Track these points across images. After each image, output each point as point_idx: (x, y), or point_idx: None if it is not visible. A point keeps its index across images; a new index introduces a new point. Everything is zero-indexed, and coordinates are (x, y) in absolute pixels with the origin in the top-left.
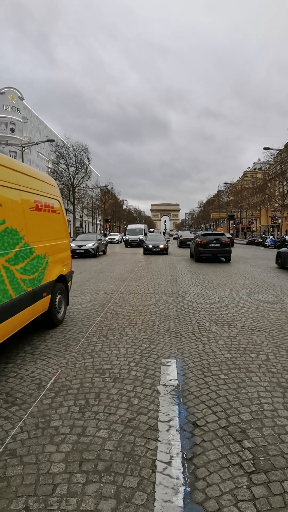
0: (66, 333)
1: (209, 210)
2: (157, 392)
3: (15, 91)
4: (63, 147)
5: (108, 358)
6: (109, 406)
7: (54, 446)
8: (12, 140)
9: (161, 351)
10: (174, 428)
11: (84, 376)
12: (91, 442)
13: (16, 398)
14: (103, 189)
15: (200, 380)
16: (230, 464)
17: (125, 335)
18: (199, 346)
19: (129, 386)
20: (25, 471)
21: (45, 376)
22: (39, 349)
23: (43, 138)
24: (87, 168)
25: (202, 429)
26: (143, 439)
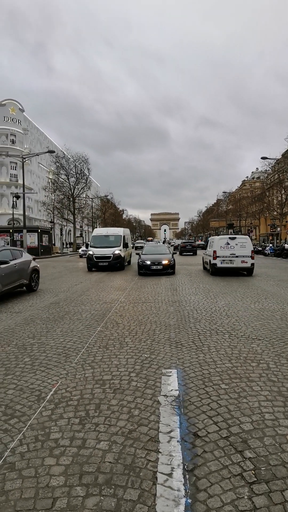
0: (66, 344)
1: (208, 219)
2: (158, 403)
3: (15, 103)
4: (63, 158)
5: (109, 369)
6: (110, 418)
7: (54, 459)
8: (13, 151)
9: (161, 361)
10: (175, 439)
11: (84, 387)
12: (91, 454)
13: (15, 410)
14: (103, 199)
15: (201, 390)
16: (231, 474)
17: (126, 345)
18: (200, 355)
19: (129, 397)
20: (24, 485)
21: (45, 387)
22: (38, 359)
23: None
24: (87, 179)
25: (203, 440)
26: (144, 450)
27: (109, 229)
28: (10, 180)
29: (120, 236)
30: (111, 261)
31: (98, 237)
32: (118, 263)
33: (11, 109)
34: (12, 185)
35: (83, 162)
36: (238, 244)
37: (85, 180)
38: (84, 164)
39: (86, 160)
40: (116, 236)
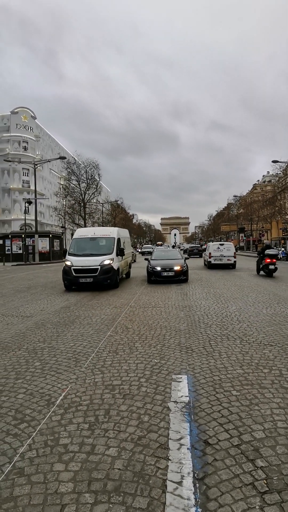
0: (76, 348)
1: (219, 223)
2: (168, 409)
3: (27, 111)
4: (74, 164)
5: (118, 374)
6: (119, 424)
7: (63, 465)
8: (25, 158)
9: (171, 367)
10: (185, 447)
11: (93, 392)
12: (100, 460)
13: (25, 414)
14: (113, 204)
15: (211, 397)
16: (242, 484)
17: (135, 350)
18: (211, 361)
19: (139, 402)
20: (32, 491)
21: (55, 392)
22: (49, 364)
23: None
24: (97, 184)
25: (214, 448)
26: (153, 457)
27: (97, 229)
28: (23, 186)
29: (112, 239)
30: (98, 275)
31: (80, 240)
32: (108, 278)
33: (23, 116)
34: (24, 191)
35: (94, 167)
36: (225, 248)
37: (95, 186)
38: (94, 170)
39: (97, 166)
40: (107, 239)
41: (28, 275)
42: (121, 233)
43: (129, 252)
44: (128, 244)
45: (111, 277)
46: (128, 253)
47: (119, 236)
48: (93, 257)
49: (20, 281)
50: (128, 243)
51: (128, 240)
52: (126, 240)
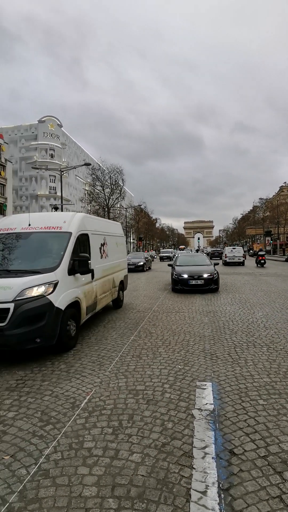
0: (101, 352)
1: (244, 227)
2: (192, 417)
3: (54, 119)
4: (98, 170)
5: (142, 379)
6: (143, 429)
7: (87, 469)
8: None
9: (196, 373)
10: (210, 456)
11: (117, 396)
12: (124, 466)
13: (51, 417)
14: (137, 209)
15: (237, 405)
16: (269, 496)
17: (159, 355)
18: (236, 369)
19: (163, 409)
20: (57, 493)
21: (79, 395)
22: (74, 367)
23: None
24: (121, 189)
25: (240, 458)
26: (177, 465)
27: (36, 216)
28: (49, 192)
29: (63, 237)
30: (8, 328)
31: None
32: (31, 334)
33: (50, 125)
34: (51, 197)
35: (118, 173)
36: (236, 251)
37: (119, 191)
38: (118, 175)
39: (121, 171)
40: (55, 236)
41: None
42: (93, 224)
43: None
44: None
45: (40, 330)
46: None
47: (83, 230)
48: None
49: None
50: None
51: (121, 242)
52: (112, 240)
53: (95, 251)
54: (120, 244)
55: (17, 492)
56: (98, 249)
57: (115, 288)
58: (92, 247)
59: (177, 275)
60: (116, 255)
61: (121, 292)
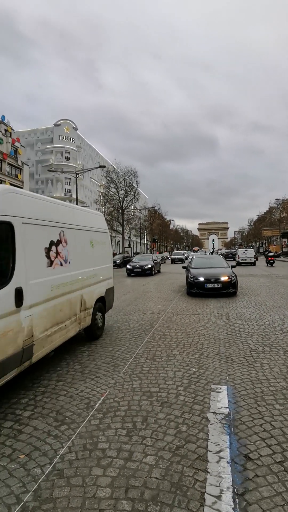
0: (115, 353)
1: (260, 228)
2: (207, 420)
3: (70, 122)
4: (113, 172)
5: (156, 381)
6: (157, 432)
7: (101, 470)
8: (67, 168)
9: (210, 376)
10: (224, 460)
11: (131, 398)
12: (138, 468)
13: (65, 417)
14: (151, 210)
15: (253, 410)
16: (285, 502)
17: (173, 357)
18: (252, 372)
19: (177, 411)
20: (71, 493)
21: (94, 396)
22: (88, 367)
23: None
24: (135, 191)
25: (255, 463)
26: (191, 469)
27: None
28: (65, 194)
29: None
30: None
31: None
32: None
33: (65, 128)
34: (67, 199)
35: (132, 175)
36: (248, 252)
37: (133, 193)
38: (132, 177)
39: (135, 173)
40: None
41: None
42: (32, 207)
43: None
44: (97, 250)
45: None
46: (90, 276)
47: (2, 214)
48: None
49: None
50: (96, 248)
51: (101, 240)
52: (82, 238)
53: (33, 255)
54: (99, 243)
55: (31, 491)
56: (42, 251)
57: (86, 312)
58: (25, 246)
59: (192, 278)
60: (89, 260)
61: (99, 315)
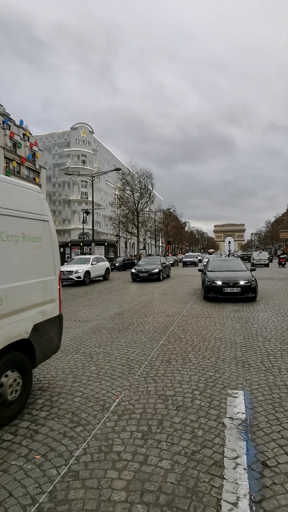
0: (130, 355)
1: (278, 230)
2: (223, 425)
3: (86, 126)
4: (128, 175)
5: (171, 384)
6: (172, 436)
7: (116, 472)
8: (84, 171)
9: (227, 381)
10: (241, 466)
11: (147, 401)
12: (153, 472)
13: (81, 418)
14: (166, 212)
15: (270, 416)
16: None
17: (189, 361)
18: (270, 377)
19: (193, 416)
20: (86, 496)
21: (109, 398)
22: (103, 369)
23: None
24: (150, 193)
25: (273, 470)
26: (207, 475)
27: None
28: (81, 197)
29: None
30: None
31: None
32: None
33: (82, 131)
34: (83, 202)
35: (147, 177)
36: (262, 254)
37: (148, 195)
38: (148, 179)
39: (150, 176)
40: None
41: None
42: None
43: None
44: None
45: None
46: None
47: None
48: None
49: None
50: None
51: (38, 230)
52: None
53: None
54: (27, 239)
55: (47, 492)
56: None
57: None
58: None
59: (209, 282)
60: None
61: (12, 379)
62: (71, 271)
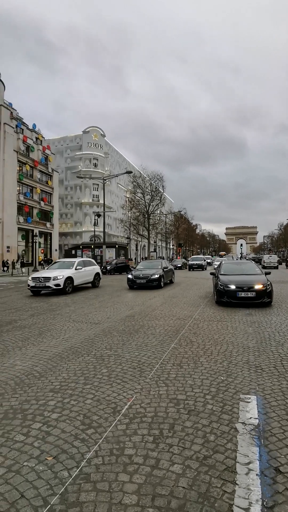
0: (141, 358)
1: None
2: (235, 430)
3: (98, 130)
4: (139, 178)
5: (183, 388)
6: (184, 440)
7: (128, 476)
8: (95, 174)
9: (239, 386)
10: (254, 472)
11: (158, 404)
12: (165, 476)
13: (92, 420)
14: (177, 215)
15: (284, 421)
16: None
17: (200, 365)
18: (283, 383)
19: (204, 420)
20: (98, 499)
21: (120, 400)
22: (115, 372)
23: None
24: (161, 196)
25: (286, 476)
26: (219, 480)
27: None
28: (93, 200)
29: None
30: None
31: None
32: None
33: (94, 135)
34: (94, 204)
35: (158, 180)
36: (272, 257)
37: (159, 197)
38: (159, 182)
39: (161, 178)
40: None
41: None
42: None
43: None
44: None
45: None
46: None
47: None
48: None
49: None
50: None
51: None
52: None
53: None
54: None
55: (58, 494)
56: None
57: None
58: None
59: (222, 286)
60: None
61: None
62: (48, 277)
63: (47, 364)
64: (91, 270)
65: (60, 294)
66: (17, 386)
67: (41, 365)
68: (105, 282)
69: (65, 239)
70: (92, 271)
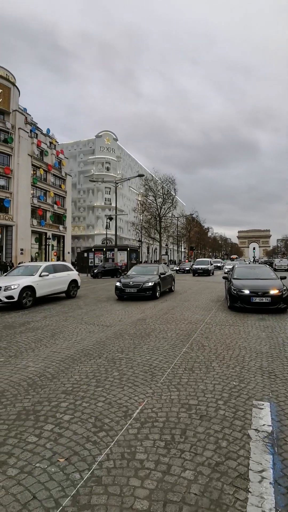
0: (152, 362)
1: None
2: (248, 437)
3: (110, 134)
4: (151, 181)
5: (195, 393)
6: (196, 446)
7: (139, 481)
8: (108, 178)
9: (252, 392)
10: (267, 480)
11: (170, 409)
12: (176, 482)
13: (104, 423)
14: (188, 218)
15: None
16: None
17: (212, 370)
18: None
19: (217, 426)
20: (109, 502)
21: (132, 404)
22: (126, 375)
23: (134, 173)
24: (173, 199)
25: None
26: (232, 487)
27: None
28: (105, 203)
29: None
30: None
31: None
32: None
33: (106, 139)
34: (106, 208)
35: (170, 183)
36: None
37: (171, 200)
38: (170, 185)
39: (173, 181)
40: None
41: (108, 286)
42: None
43: None
44: None
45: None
46: None
47: None
48: None
49: (101, 292)
50: None
51: None
52: None
53: None
54: None
55: (70, 496)
56: None
57: None
58: None
59: (236, 291)
60: None
61: None
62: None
63: (59, 366)
64: (64, 277)
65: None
66: (30, 387)
67: (53, 366)
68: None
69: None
70: (66, 278)
